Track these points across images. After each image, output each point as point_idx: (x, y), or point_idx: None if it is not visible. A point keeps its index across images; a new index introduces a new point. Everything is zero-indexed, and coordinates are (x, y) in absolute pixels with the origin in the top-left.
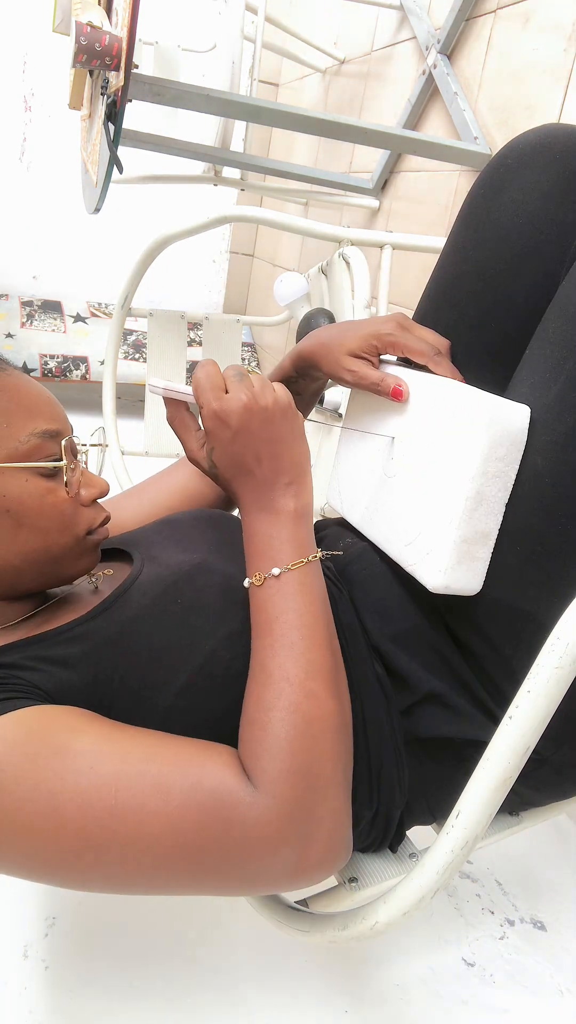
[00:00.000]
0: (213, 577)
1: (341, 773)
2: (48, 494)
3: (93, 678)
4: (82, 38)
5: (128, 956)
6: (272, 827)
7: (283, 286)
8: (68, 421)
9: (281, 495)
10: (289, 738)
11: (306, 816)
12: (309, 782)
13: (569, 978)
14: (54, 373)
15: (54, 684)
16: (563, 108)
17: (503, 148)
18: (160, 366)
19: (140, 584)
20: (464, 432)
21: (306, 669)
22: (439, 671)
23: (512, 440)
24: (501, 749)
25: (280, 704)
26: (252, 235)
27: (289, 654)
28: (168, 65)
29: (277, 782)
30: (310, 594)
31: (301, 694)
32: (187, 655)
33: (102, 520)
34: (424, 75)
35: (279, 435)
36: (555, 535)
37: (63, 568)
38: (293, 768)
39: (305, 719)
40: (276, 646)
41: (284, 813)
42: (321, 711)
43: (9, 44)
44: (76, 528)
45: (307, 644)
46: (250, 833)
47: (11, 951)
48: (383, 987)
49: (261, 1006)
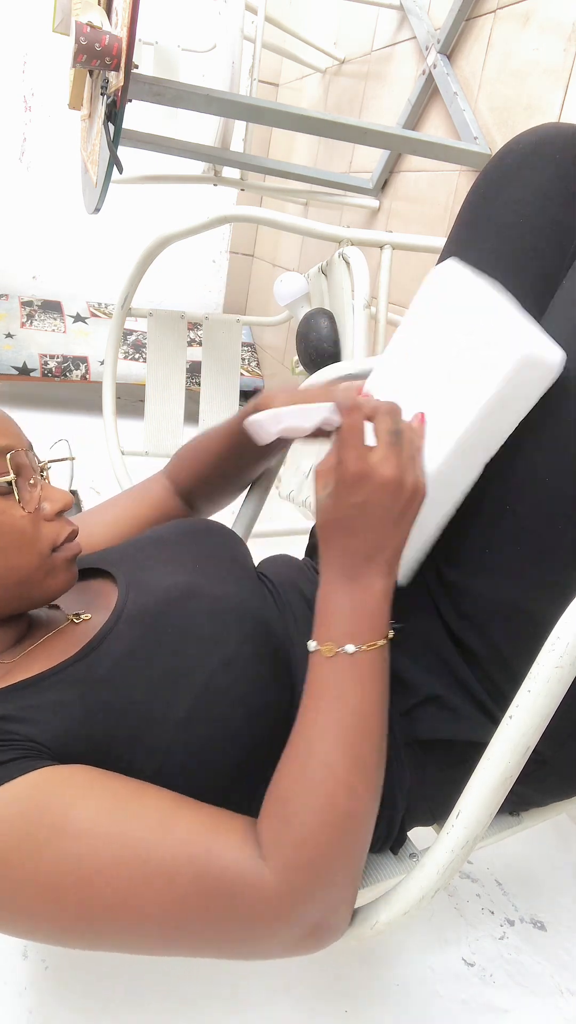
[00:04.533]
0: (202, 600)
1: (358, 865)
2: (3, 513)
3: (90, 721)
4: (82, 38)
5: (128, 956)
6: (278, 912)
7: (283, 286)
8: (22, 436)
9: (375, 571)
10: (316, 831)
11: (314, 906)
12: (326, 877)
13: (569, 978)
14: (54, 373)
15: (51, 735)
16: (563, 108)
17: (503, 148)
18: (160, 366)
19: (128, 615)
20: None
21: (353, 762)
22: (439, 672)
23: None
24: (501, 749)
25: (318, 792)
26: (252, 235)
27: (340, 741)
28: (168, 65)
29: (294, 871)
30: (376, 681)
31: (342, 789)
32: (184, 686)
33: (67, 535)
34: (424, 75)
35: (402, 518)
36: (555, 535)
37: (33, 589)
38: (313, 861)
39: (340, 816)
40: (328, 727)
41: (293, 901)
42: (358, 809)
43: (9, 44)
44: (39, 545)
45: (360, 735)
46: (254, 915)
47: (11, 951)
48: (383, 987)
49: (261, 1006)
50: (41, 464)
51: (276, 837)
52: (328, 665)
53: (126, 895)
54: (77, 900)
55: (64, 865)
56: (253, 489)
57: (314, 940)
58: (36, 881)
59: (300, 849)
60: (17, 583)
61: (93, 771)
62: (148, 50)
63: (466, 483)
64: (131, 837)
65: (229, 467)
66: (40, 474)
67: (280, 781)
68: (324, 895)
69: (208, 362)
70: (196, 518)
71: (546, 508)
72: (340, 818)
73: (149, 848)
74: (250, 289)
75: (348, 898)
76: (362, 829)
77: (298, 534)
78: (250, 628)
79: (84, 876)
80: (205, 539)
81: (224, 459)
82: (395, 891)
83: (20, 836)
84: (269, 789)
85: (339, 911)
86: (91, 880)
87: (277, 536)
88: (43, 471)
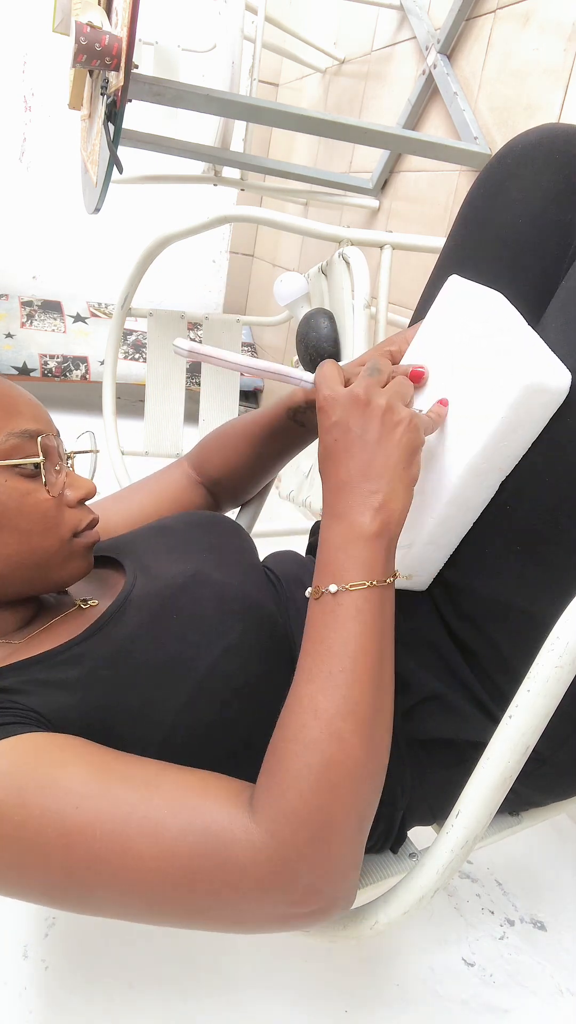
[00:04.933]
0: (208, 588)
1: (355, 825)
2: (28, 495)
3: (92, 700)
4: (82, 38)
5: (128, 956)
6: (264, 868)
7: (283, 286)
8: (52, 423)
9: (360, 505)
10: (299, 777)
11: (303, 863)
12: (312, 830)
13: (569, 978)
14: (54, 373)
15: (51, 708)
16: (563, 108)
17: (503, 148)
18: (160, 366)
19: (134, 599)
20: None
21: (338, 706)
22: (439, 672)
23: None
24: (501, 749)
25: (300, 737)
26: (252, 235)
27: (324, 685)
28: (168, 65)
29: (277, 821)
30: (366, 623)
31: (325, 732)
32: (186, 671)
33: (88, 522)
34: (424, 75)
35: (378, 438)
36: (555, 535)
37: (51, 572)
38: (297, 810)
39: (323, 761)
40: (314, 672)
41: (278, 856)
42: (344, 756)
43: (9, 44)
44: (60, 530)
45: (348, 678)
46: (242, 872)
47: (11, 951)
48: (383, 987)
49: (261, 1006)
50: (68, 454)
51: (263, 786)
52: (314, 608)
53: (109, 851)
54: (62, 855)
55: (48, 819)
56: None
57: (309, 908)
58: (20, 837)
59: (283, 798)
60: (36, 565)
61: (86, 742)
62: (148, 50)
63: (482, 501)
64: (116, 795)
65: (266, 454)
66: (66, 461)
67: (275, 733)
68: (313, 852)
69: None
70: (203, 511)
71: (546, 508)
72: (324, 765)
73: (133, 804)
74: (250, 289)
75: (343, 862)
76: (351, 779)
77: (298, 534)
78: (253, 617)
79: (67, 830)
80: (212, 530)
81: (263, 444)
82: (395, 891)
83: (5, 791)
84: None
85: (333, 875)
86: (74, 835)
87: (277, 536)
88: (69, 459)
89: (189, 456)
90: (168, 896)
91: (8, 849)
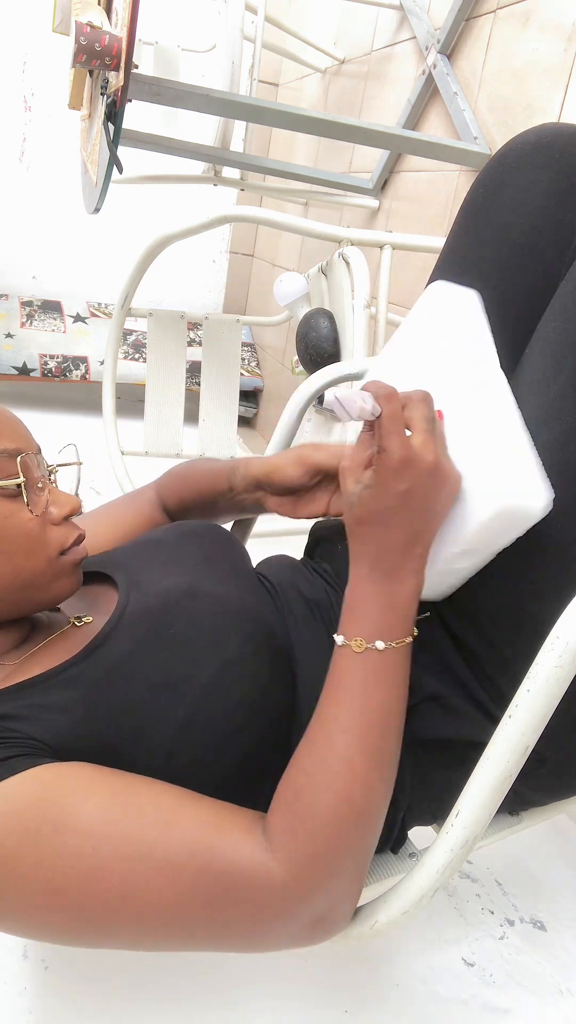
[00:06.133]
0: (203, 601)
1: (366, 859)
2: (10, 516)
3: (92, 720)
4: (82, 38)
5: (127, 956)
6: (285, 905)
7: (283, 286)
8: (32, 440)
9: (410, 567)
10: (330, 826)
11: (320, 897)
12: (335, 870)
13: (569, 978)
14: (54, 373)
15: (52, 734)
16: (563, 108)
17: (503, 148)
18: (160, 366)
19: (128, 616)
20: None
21: (373, 758)
22: (438, 672)
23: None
24: (501, 749)
25: (334, 787)
26: (252, 235)
27: (362, 737)
28: (168, 65)
29: (304, 864)
30: (400, 678)
31: (359, 785)
32: (185, 686)
33: (75, 539)
34: (424, 75)
35: (438, 508)
36: (554, 535)
37: (40, 592)
38: (325, 855)
39: (356, 812)
40: (352, 723)
41: (301, 894)
42: (372, 806)
43: (9, 44)
44: (46, 549)
45: (382, 732)
46: (260, 909)
47: (11, 951)
48: (383, 987)
49: (261, 1006)
50: (49, 468)
51: (287, 830)
52: (357, 660)
53: (126, 892)
54: (77, 897)
55: (63, 861)
56: None
57: (318, 932)
58: (36, 877)
59: (312, 843)
60: (23, 586)
61: (94, 768)
62: (148, 50)
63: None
64: (131, 835)
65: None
66: (48, 478)
67: (295, 775)
68: (332, 888)
69: (208, 362)
70: (195, 520)
71: None
72: (355, 814)
73: (150, 845)
74: (250, 289)
75: (354, 892)
76: (375, 824)
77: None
78: (251, 629)
79: (83, 873)
80: (204, 541)
81: (206, 498)
82: (395, 891)
83: (19, 832)
84: (282, 782)
85: (344, 904)
86: (91, 877)
87: (277, 536)
88: (51, 474)
89: (158, 480)
90: (184, 932)
91: (24, 891)
